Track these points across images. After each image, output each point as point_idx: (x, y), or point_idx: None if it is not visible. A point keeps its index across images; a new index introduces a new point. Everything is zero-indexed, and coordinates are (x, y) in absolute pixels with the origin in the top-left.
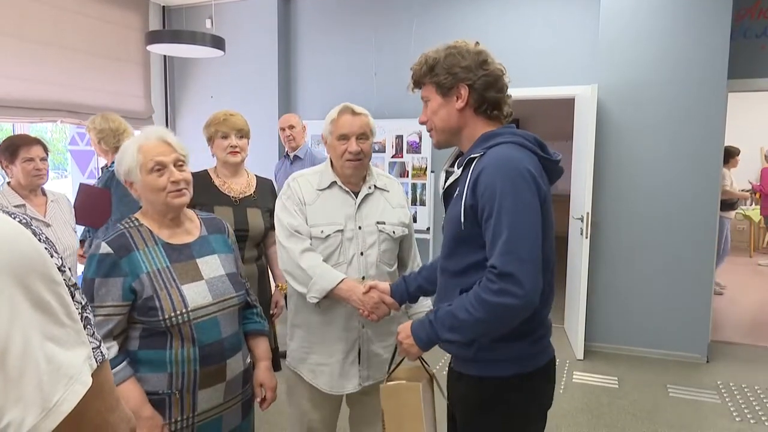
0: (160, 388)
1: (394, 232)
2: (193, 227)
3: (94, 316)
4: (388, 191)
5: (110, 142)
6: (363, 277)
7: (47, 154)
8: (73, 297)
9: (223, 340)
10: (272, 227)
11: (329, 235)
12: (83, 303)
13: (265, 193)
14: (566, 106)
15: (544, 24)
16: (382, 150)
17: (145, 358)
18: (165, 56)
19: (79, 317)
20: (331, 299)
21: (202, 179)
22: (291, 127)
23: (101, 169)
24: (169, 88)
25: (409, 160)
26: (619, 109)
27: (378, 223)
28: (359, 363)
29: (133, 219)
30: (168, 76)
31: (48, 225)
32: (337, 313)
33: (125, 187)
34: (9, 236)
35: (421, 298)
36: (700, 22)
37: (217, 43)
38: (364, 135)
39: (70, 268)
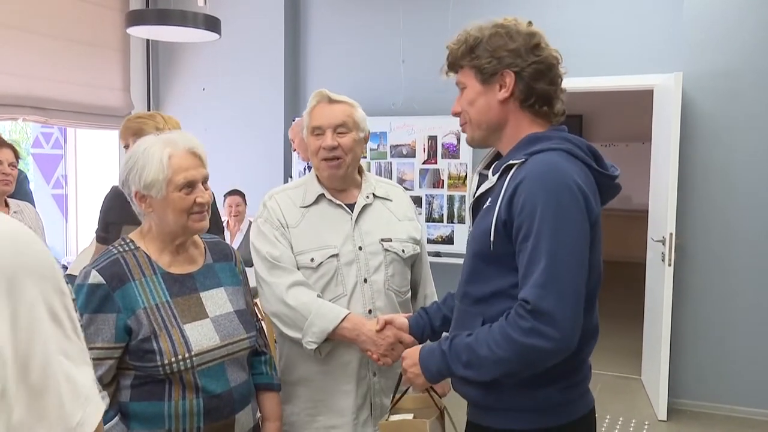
0: None
1: (403, 251)
2: (197, 254)
3: None
4: (390, 200)
5: None
6: (370, 311)
7: (18, 161)
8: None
9: (232, 390)
10: None
11: (321, 262)
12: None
13: None
14: (642, 99)
15: None
16: (412, 154)
17: (138, 411)
18: (148, 41)
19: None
20: (332, 342)
21: (115, 193)
22: (291, 140)
23: None
24: (152, 79)
25: (445, 166)
26: (709, 103)
27: (383, 240)
28: (372, 420)
29: (128, 241)
30: (151, 64)
31: None
32: (341, 360)
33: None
34: (28, 240)
35: None
36: None
37: (211, 24)
38: (344, 126)
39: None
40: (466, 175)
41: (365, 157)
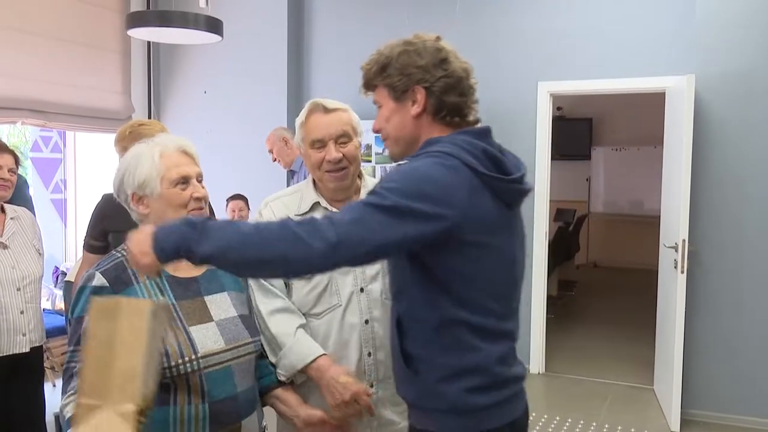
0: None
1: None
2: None
3: (77, 361)
4: None
5: None
6: (366, 321)
7: (18, 167)
8: None
9: (238, 395)
10: None
11: None
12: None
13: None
14: (654, 102)
15: None
16: None
17: None
18: (149, 43)
19: None
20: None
21: (109, 201)
22: (270, 151)
23: None
24: (153, 81)
25: None
26: (722, 105)
27: None
28: None
29: None
30: (152, 67)
31: (5, 246)
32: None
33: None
34: None
35: None
36: None
37: (213, 26)
38: (346, 135)
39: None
40: None
41: (370, 161)
